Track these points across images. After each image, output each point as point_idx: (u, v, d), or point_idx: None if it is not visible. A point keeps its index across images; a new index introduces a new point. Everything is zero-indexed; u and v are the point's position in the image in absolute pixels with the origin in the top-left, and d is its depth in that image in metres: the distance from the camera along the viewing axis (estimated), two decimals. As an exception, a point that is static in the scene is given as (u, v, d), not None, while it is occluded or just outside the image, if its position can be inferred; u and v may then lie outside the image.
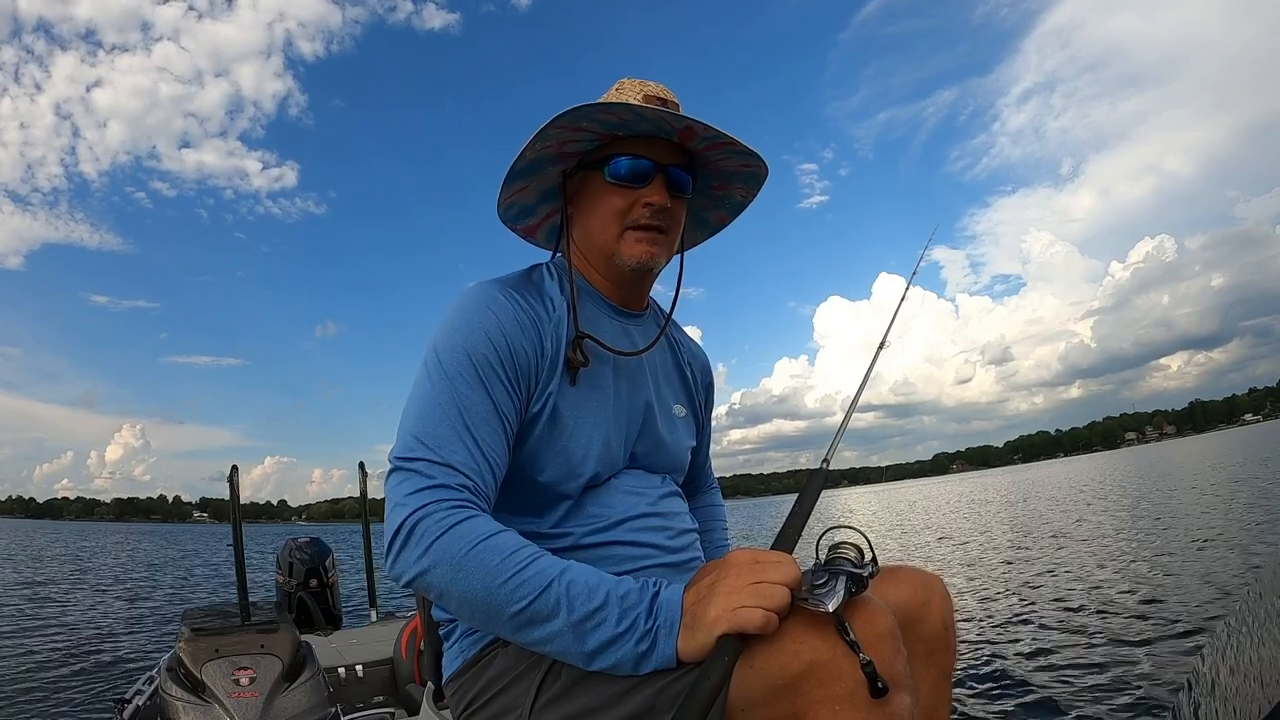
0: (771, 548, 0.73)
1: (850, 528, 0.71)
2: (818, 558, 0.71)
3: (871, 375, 0.93)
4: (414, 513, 0.74)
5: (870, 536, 0.70)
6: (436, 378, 0.83)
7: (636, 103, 0.90)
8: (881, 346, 0.99)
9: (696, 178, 0.98)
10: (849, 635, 0.64)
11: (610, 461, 0.94)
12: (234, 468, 2.89)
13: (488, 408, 0.82)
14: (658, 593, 0.72)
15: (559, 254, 1.05)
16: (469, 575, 0.71)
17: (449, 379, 0.82)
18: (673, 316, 1.11)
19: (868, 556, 0.69)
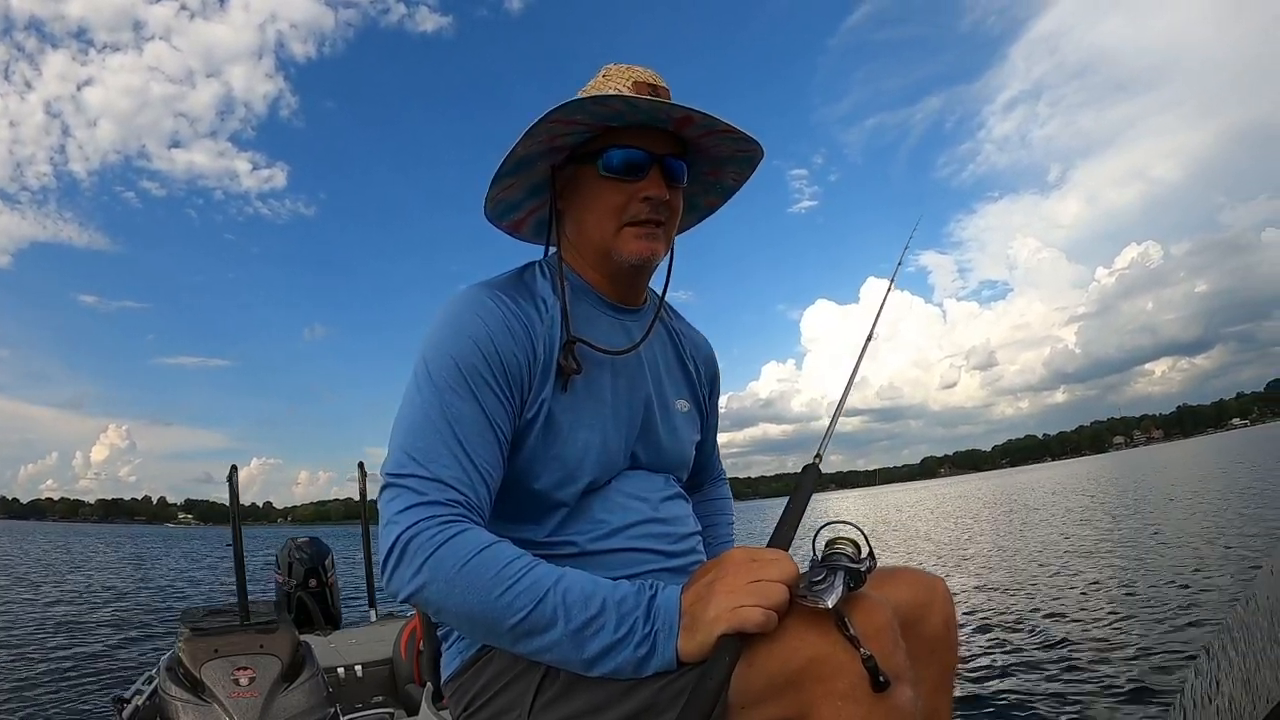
0: (767, 545, 0.72)
1: (846, 523, 0.71)
2: (814, 554, 0.70)
3: (860, 371, 0.91)
4: (406, 530, 0.73)
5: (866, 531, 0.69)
6: (426, 390, 0.81)
7: (626, 90, 0.87)
8: (869, 339, 0.97)
9: (690, 164, 0.94)
10: (849, 630, 0.63)
11: (609, 464, 0.91)
12: (233, 468, 2.87)
13: (479, 418, 0.80)
14: (655, 595, 0.71)
15: (553, 250, 0.99)
16: (464, 590, 0.70)
17: (438, 391, 0.80)
18: (670, 309, 1.07)
19: (864, 551, 0.68)
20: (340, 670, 2.79)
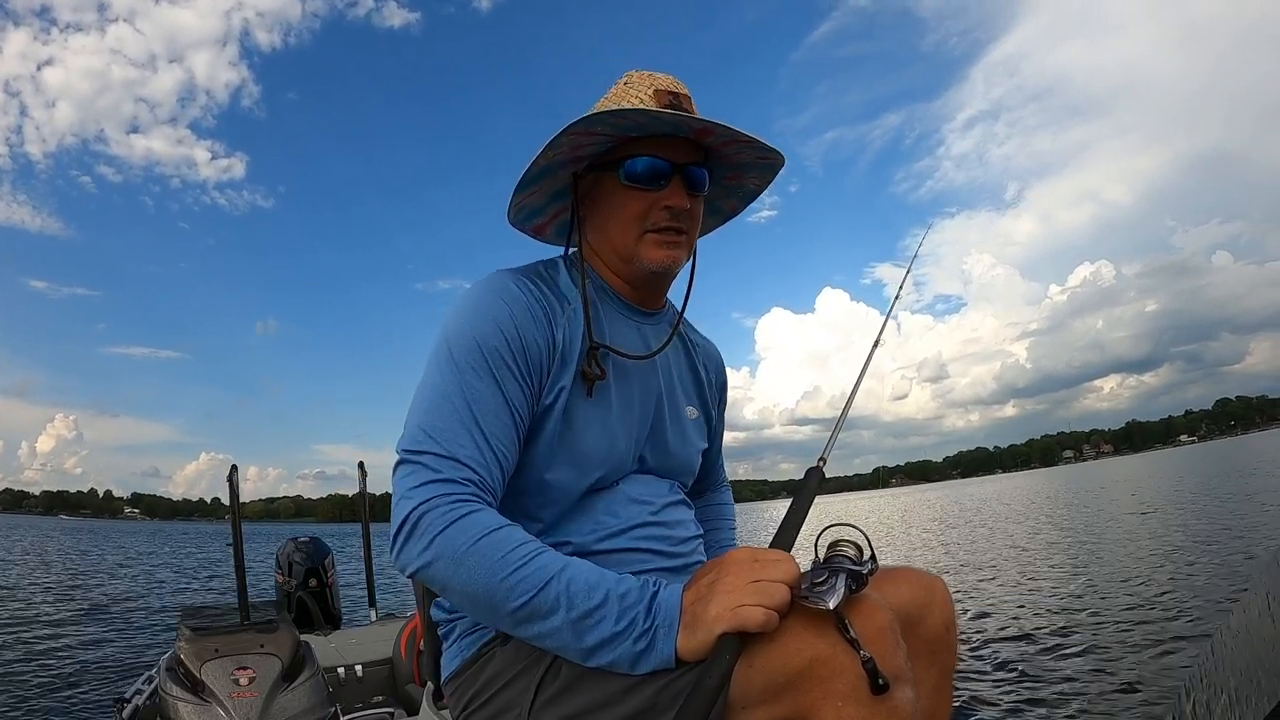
0: (770, 546, 0.70)
1: (849, 525, 0.69)
2: (816, 556, 0.68)
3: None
4: (419, 506, 0.71)
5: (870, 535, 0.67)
6: (446, 369, 0.78)
7: (648, 97, 0.86)
8: (876, 345, 0.95)
9: (712, 170, 0.92)
10: (849, 632, 0.61)
11: (618, 465, 0.88)
12: (234, 467, 2.80)
13: (497, 400, 0.78)
14: (657, 592, 0.69)
15: (573, 251, 0.96)
16: (471, 570, 0.68)
17: (459, 371, 0.78)
18: (686, 317, 1.04)
19: (866, 554, 0.67)
20: (340, 670, 2.71)
